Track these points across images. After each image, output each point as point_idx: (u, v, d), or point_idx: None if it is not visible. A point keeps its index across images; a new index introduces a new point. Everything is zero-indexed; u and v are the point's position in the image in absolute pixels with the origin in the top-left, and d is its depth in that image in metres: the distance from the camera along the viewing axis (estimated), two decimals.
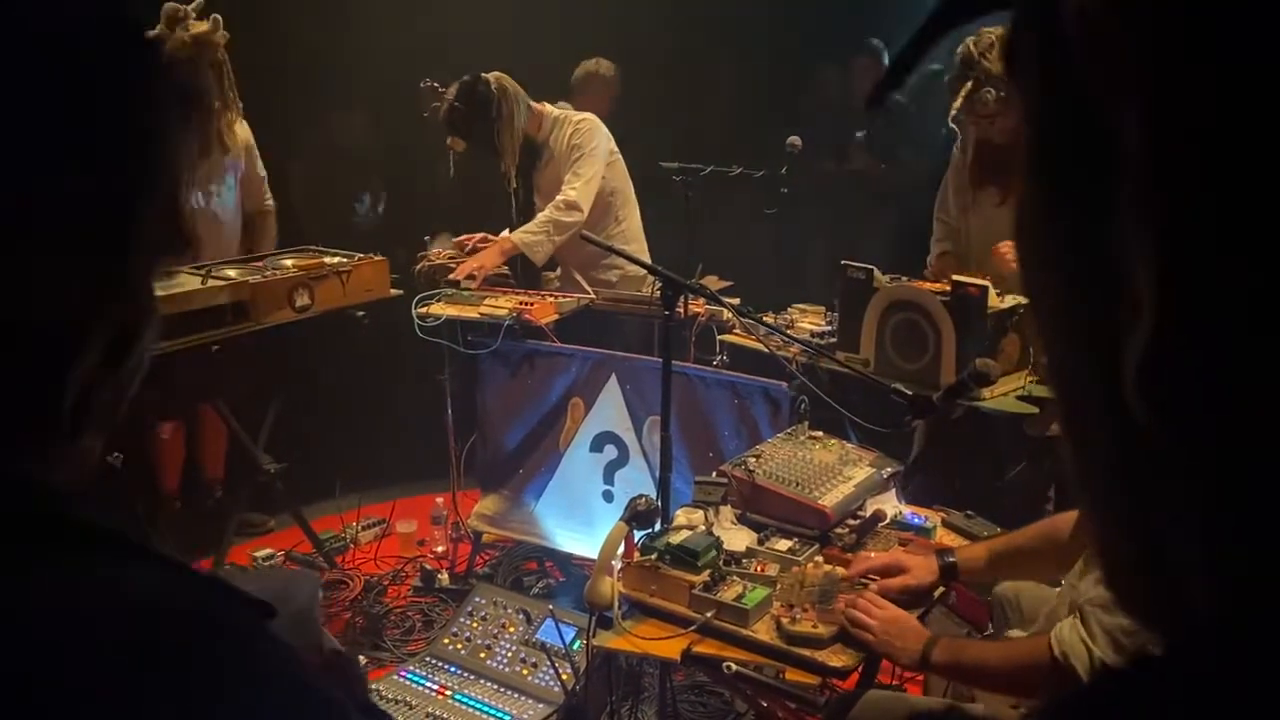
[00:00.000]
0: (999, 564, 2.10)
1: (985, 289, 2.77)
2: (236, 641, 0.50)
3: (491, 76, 3.75)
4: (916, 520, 2.35)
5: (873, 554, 2.16)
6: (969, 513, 2.43)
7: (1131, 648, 1.50)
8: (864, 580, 2.09)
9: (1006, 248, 2.98)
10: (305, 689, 0.52)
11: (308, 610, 0.96)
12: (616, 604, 2.01)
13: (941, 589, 2.10)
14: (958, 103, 2.95)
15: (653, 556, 2.05)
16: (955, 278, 2.97)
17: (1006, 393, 2.77)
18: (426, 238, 3.94)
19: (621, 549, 2.09)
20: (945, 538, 2.34)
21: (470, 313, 3.46)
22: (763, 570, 2.07)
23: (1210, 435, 0.28)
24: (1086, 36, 0.29)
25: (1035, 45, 0.32)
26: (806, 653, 1.87)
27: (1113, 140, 0.29)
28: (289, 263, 3.50)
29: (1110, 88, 0.29)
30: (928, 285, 3.06)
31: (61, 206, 0.49)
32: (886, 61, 5.36)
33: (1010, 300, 2.82)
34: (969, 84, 2.92)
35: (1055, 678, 1.56)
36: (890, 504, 2.42)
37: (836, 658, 1.87)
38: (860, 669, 1.96)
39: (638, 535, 2.12)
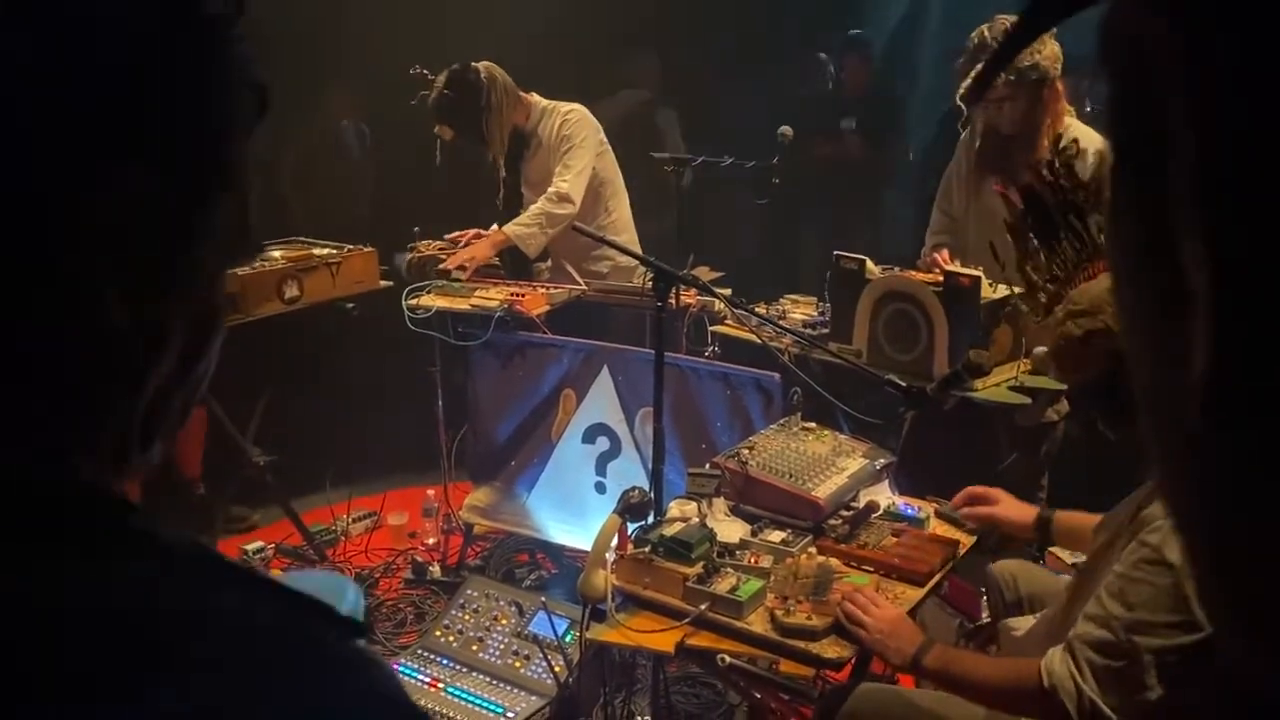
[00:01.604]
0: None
1: (978, 279, 2.77)
2: (341, 663, 0.49)
3: (481, 65, 3.72)
4: (910, 511, 2.35)
5: None
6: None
7: (1122, 690, 1.51)
8: (864, 570, 2.09)
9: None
10: (410, 712, 0.52)
11: (354, 616, 0.94)
12: (610, 596, 2.00)
13: (938, 578, 2.11)
14: (967, 82, 2.95)
15: (646, 549, 2.04)
16: (947, 268, 2.97)
17: (999, 383, 2.77)
18: (416, 229, 3.92)
19: (615, 541, 2.08)
20: (938, 528, 2.34)
21: (461, 304, 3.45)
22: (756, 562, 2.07)
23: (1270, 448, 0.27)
24: (1140, 36, 0.28)
25: (1111, 45, 0.31)
26: (801, 645, 1.87)
27: (1170, 143, 0.28)
28: (278, 254, 3.47)
29: (1164, 87, 0.28)
30: (921, 276, 3.06)
31: (137, 208, 0.48)
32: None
33: (1003, 290, 2.81)
34: (979, 68, 2.91)
35: (1043, 706, 1.58)
36: (883, 495, 2.41)
37: (831, 650, 1.87)
38: (853, 661, 1.96)
39: (631, 527, 2.11)
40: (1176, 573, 1.49)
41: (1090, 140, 3.01)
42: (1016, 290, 2.38)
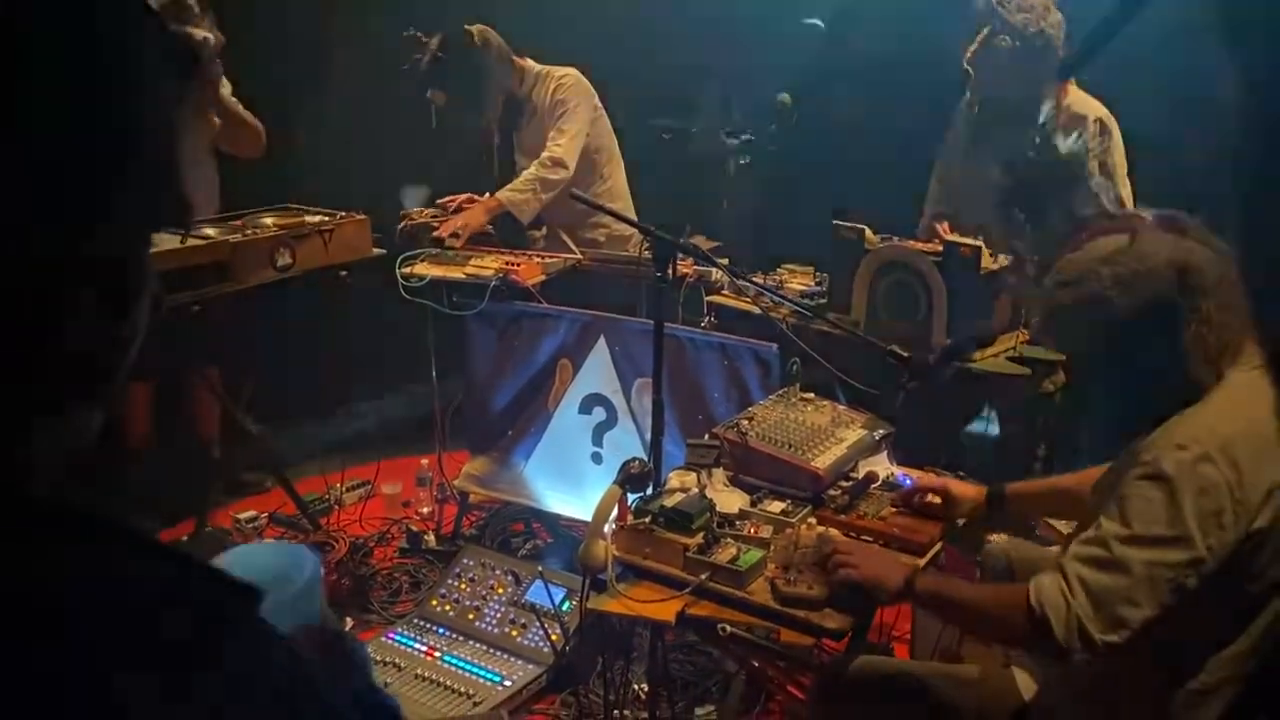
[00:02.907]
0: (1047, 499, 2.17)
1: (978, 250, 2.75)
2: (224, 626, 0.49)
3: (475, 29, 3.67)
4: (908, 481, 2.34)
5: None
6: (960, 473, 2.43)
7: (1110, 607, 1.52)
8: (863, 540, 2.09)
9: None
10: (296, 680, 0.51)
11: (310, 588, 0.93)
12: (610, 567, 2.00)
13: (936, 549, 2.11)
14: (974, 47, 2.94)
15: (646, 519, 2.04)
16: (947, 238, 2.96)
17: (998, 353, 2.77)
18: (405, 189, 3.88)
19: (615, 512, 2.07)
20: (935, 498, 2.34)
21: (456, 273, 3.41)
22: (756, 532, 2.07)
23: None
24: None
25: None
26: (801, 614, 1.87)
27: None
28: (269, 221, 3.43)
29: None
30: (920, 246, 3.04)
31: (39, 165, 0.47)
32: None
33: (1003, 261, 2.80)
34: (986, 31, 2.91)
35: (1029, 628, 1.58)
36: (882, 465, 2.41)
37: (831, 619, 1.87)
38: (851, 631, 1.97)
39: (631, 498, 2.11)
40: (1171, 484, 1.51)
41: (1090, 108, 3.00)
42: (1004, 263, 2.38)
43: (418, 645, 2.93)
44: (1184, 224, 1.65)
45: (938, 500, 2.18)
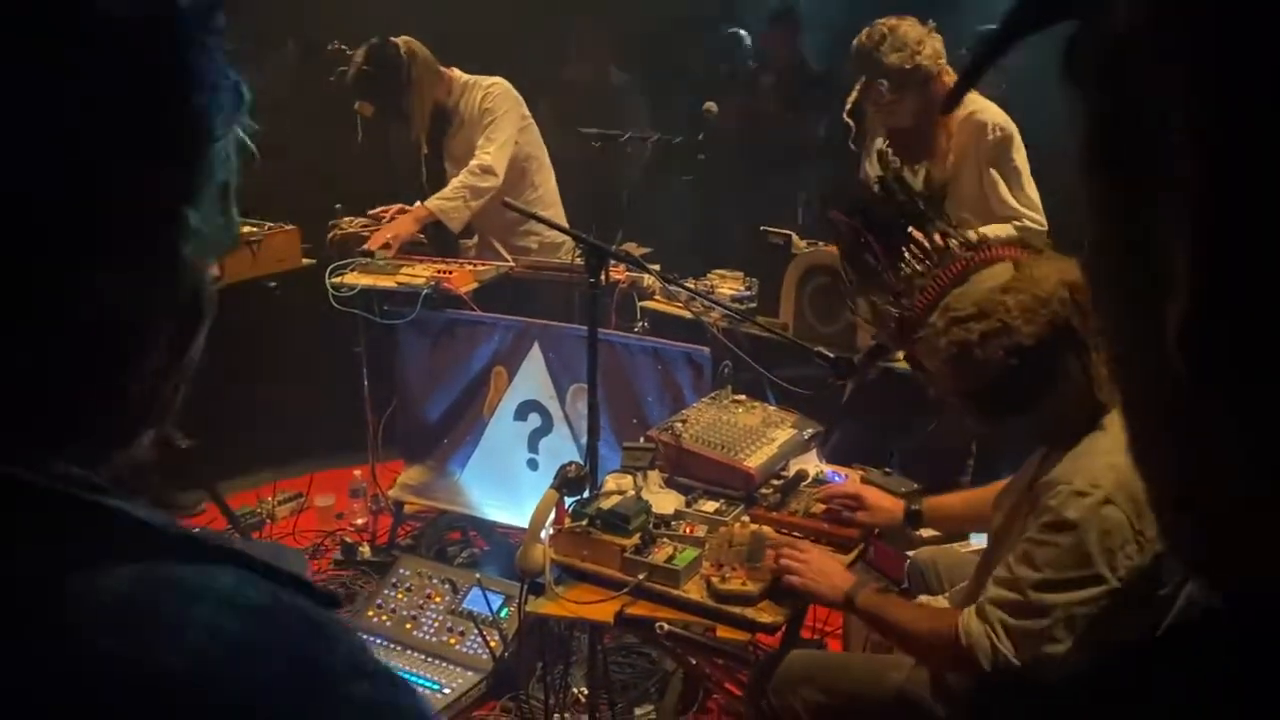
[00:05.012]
0: (966, 513, 2.22)
1: None
2: (336, 642, 0.51)
3: (400, 40, 3.66)
4: (837, 479, 2.42)
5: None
6: (886, 470, 2.51)
7: (1032, 645, 1.59)
8: (795, 536, 2.14)
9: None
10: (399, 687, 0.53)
11: None
12: (548, 570, 2.03)
13: (862, 545, 2.18)
14: (853, 96, 3.00)
15: (583, 522, 2.07)
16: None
17: None
18: (338, 206, 3.84)
19: (552, 516, 2.10)
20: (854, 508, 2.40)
21: (387, 282, 3.40)
22: (691, 532, 2.11)
23: (1243, 388, 0.31)
24: (1132, 38, 0.32)
25: (1092, 46, 0.34)
26: (736, 610, 1.92)
27: (1156, 137, 0.31)
28: None
29: (1154, 86, 0.31)
30: None
31: (120, 199, 0.48)
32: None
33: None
34: (863, 78, 2.97)
35: (958, 659, 1.67)
36: (812, 464, 2.48)
37: (765, 614, 1.92)
38: (785, 627, 2.02)
39: (568, 501, 2.14)
40: (1077, 531, 1.58)
41: (990, 114, 3.09)
42: (864, 319, 2.38)
43: None
44: (1034, 245, 1.70)
45: (854, 507, 2.20)
